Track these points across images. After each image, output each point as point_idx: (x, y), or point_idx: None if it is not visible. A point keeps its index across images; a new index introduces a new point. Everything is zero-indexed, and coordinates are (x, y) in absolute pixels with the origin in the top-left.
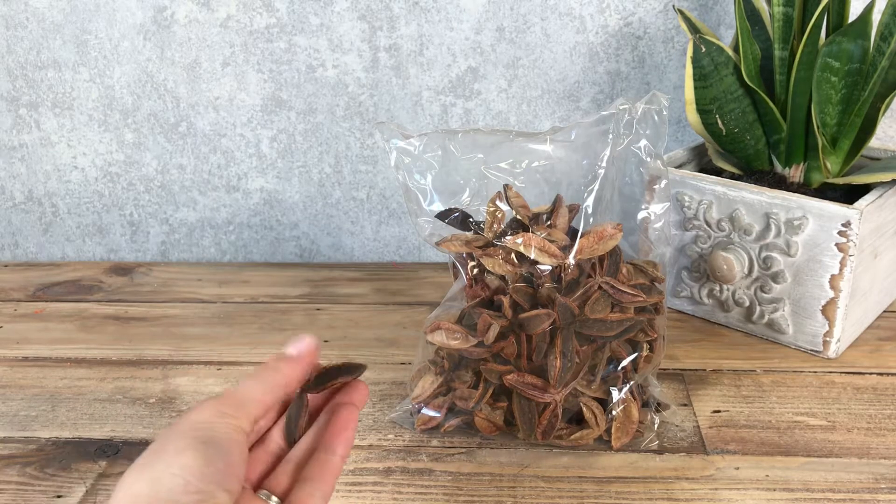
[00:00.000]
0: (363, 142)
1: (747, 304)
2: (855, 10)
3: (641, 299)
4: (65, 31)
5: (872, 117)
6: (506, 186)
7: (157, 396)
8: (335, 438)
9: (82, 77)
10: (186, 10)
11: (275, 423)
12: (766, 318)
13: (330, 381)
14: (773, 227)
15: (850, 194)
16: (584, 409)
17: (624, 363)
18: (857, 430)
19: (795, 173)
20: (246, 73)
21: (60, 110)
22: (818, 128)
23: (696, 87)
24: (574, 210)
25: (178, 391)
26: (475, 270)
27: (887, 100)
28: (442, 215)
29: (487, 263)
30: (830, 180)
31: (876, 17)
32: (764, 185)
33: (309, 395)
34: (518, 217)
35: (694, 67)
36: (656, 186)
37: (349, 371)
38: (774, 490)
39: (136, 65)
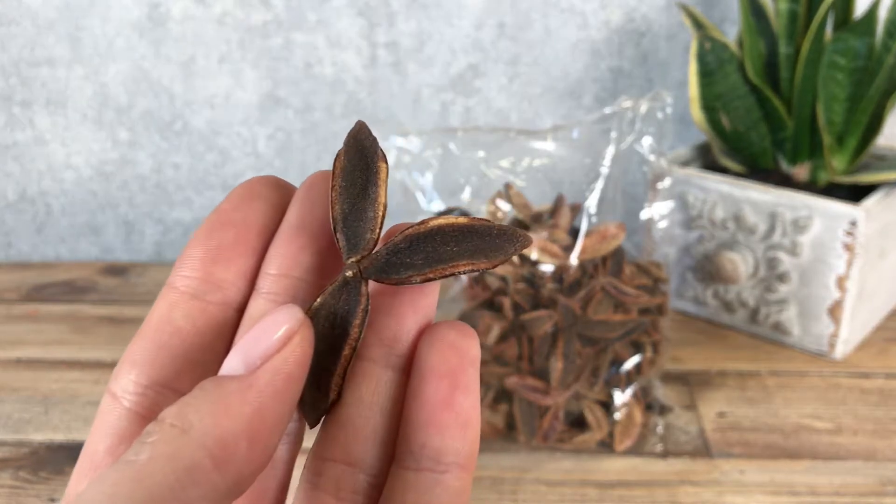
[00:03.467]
0: None
1: (752, 305)
2: (860, 6)
3: (645, 300)
4: (58, 27)
5: (879, 115)
6: (507, 185)
7: None
8: (431, 423)
9: (76, 74)
10: (182, 6)
11: None
12: (772, 319)
13: (434, 256)
14: (778, 226)
15: (856, 193)
16: (587, 411)
17: (627, 365)
18: (864, 433)
19: (801, 172)
20: (242, 70)
21: (54, 108)
22: (824, 126)
23: (700, 85)
24: (576, 209)
25: None
26: None
27: (893, 97)
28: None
29: None
30: (836, 179)
31: (882, 13)
32: (769, 184)
33: (371, 286)
34: (519, 217)
35: (698, 64)
36: (660, 185)
37: (497, 238)
38: (780, 493)
39: (131, 62)
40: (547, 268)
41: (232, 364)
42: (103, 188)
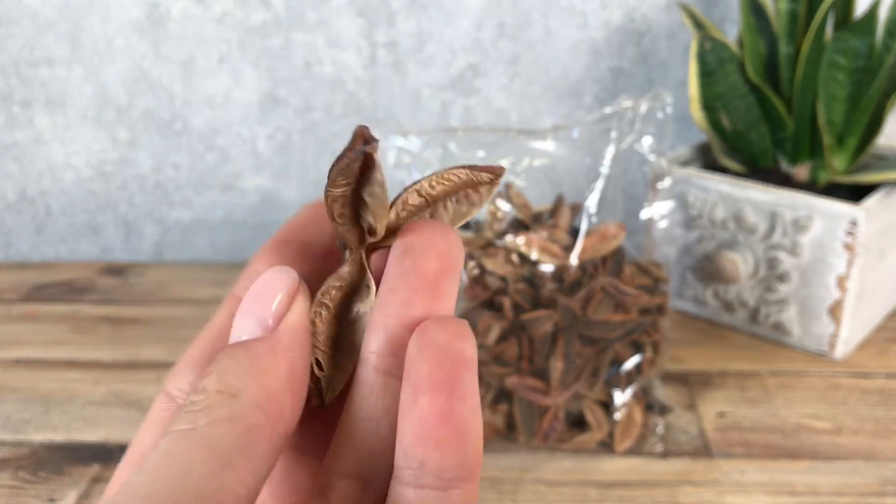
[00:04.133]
0: None
1: (753, 305)
2: (860, 5)
3: (645, 300)
4: (58, 27)
5: (879, 115)
6: (507, 185)
7: (151, 399)
8: (430, 438)
9: (76, 74)
10: (181, 6)
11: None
12: (772, 319)
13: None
14: (778, 226)
15: (856, 193)
16: (587, 412)
17: (627, 365)
18: (864, 433)
19: (801, 171)
20: (242, 70)
21: (54, 108)
22: (824, 125)
23: (700, 84)
24: (576, 209)
25: None
26: (475, 271)
27: (893, 96)
28: None
29: (488, 264)
30: (837, 179)
31: (882, 13)
32: (769, 184)
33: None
34: (519, 216)
35: (698, 64)
36: (660, 185)
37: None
38: (780, 494)
39: (131, 62)
40: (547, 268)
41: (249, 327)
42: (103, 188)
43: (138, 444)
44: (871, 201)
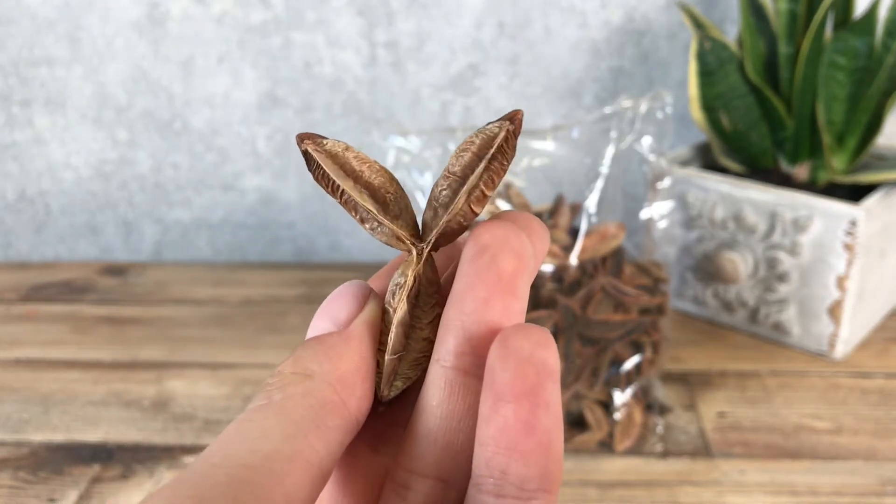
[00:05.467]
0: (361, 139)
1: (752, 305)
2: (860, 5)
3: (645, 300)
4: (58, 27)
5: (879, 115)
6: (507, 185)
7: (151, 399)
8: (513, 449)
9: (75, 74)
10: (181, 5)
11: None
12: (772, 319)
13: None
14: (778, 226)
15: (856, 193)
16: (587, 412)
17: (627, 365)
18: (864, 433)
19: (801, 171)
20: (241, 69)
21: (53, 108)
22: (824, 125)
23: (700, 84)
24: (576, 209)
25: (173, 394)
26: None
27: (893, 96)
28: None
29: None
30: (837, 179)
31: (882, 13)
32: (769, 184)
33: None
34: None
35: (698, 64)
36: (660, 185)
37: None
38: (780, 494)
39: (130, 62)
40: (547, 268)
41: (322, 326)
42: (102, 188)
43: None
44: (871, 201)
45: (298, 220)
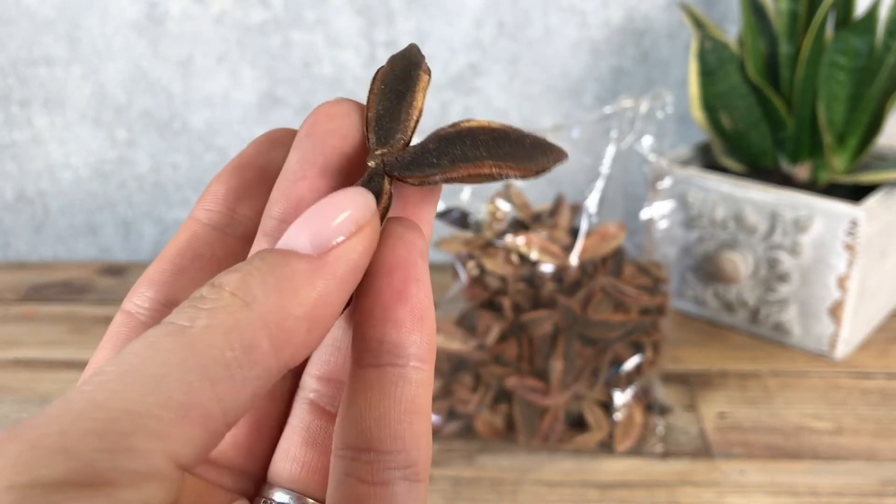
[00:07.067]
0: None
1: (753, 305)
2: (861, 5)
3: (645, 300)
4: (57, 27)
5: (879, 114)
6: (507, 185)
7: None
8: (388, 318)
9: (74, 74)
10: (180, 5)
11: None
12: (772, 319)
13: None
14: (779, 226)
15: (857, 193)
16: (587, 412)
17: (627, 365)
18: (865, 434)
19: (802, 171)
20: (241, 69)
21: (52, 108)
22: (825, 125)
23: (701, 84)
24: (576, 209)
25: None
26: (475, 271)
27: (893, 96)
28: (441, 215)
29: (488, 264)
30: (837, 179)
31: (882, 13)
32: (770, 184)
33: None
34: (519, 216)
35: (699, 64)
36: (660, 185)
37: (531, 147)
38: (780, 494)
39: (129, 61)
40: (547, 268)
41: (299, 241)
42: (101, 188)
43: (95, 359)
44: (872, 201)
45: None
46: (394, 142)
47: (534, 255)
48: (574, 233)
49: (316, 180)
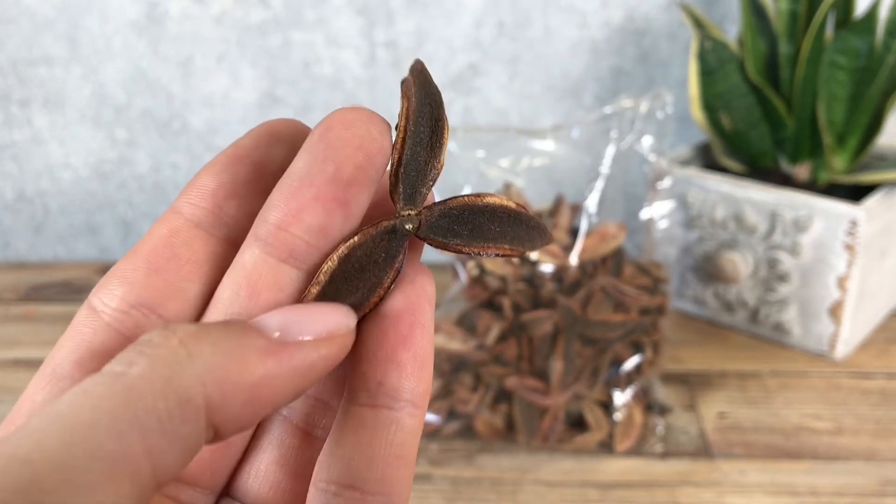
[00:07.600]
0: None
1: (753, 305)
2: (861, 5)
3: (645, 300)
4: (56, 27)
5: (879, 114)
6: (506, 185)
7: None
8: (391, 360)
9: (74, 74)
10: (180, 5)
11: None
12: (772, 319)
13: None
14: (778, 226)
15: (857, 193)
16: (587, 412)
17: (627, 365)
18: (864, 434)
19: (802, 171)
20: (240, 69)
21: (52, 108)
22: (824, 125)
23: (700, 84)
24: (576, 209)
25: None
26: (475, 271)
27: (893, 96)
28: None
29: (487, 264)
30: (837, 179)
31: (882, 13)
32: (770, 184)
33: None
34: None
35: (699, 64)
36: (660, 185)
37: (532, 229)
38: (780, 494)
39: (129, 61)
40: (547, 268)
41: (269, 323)
42: (101, 188)
43: (52, 359)
44: (872, 201)
45: None
46: (419, 198)
47: (534, 255)
48: (574, 233)
49: (323, 189)
